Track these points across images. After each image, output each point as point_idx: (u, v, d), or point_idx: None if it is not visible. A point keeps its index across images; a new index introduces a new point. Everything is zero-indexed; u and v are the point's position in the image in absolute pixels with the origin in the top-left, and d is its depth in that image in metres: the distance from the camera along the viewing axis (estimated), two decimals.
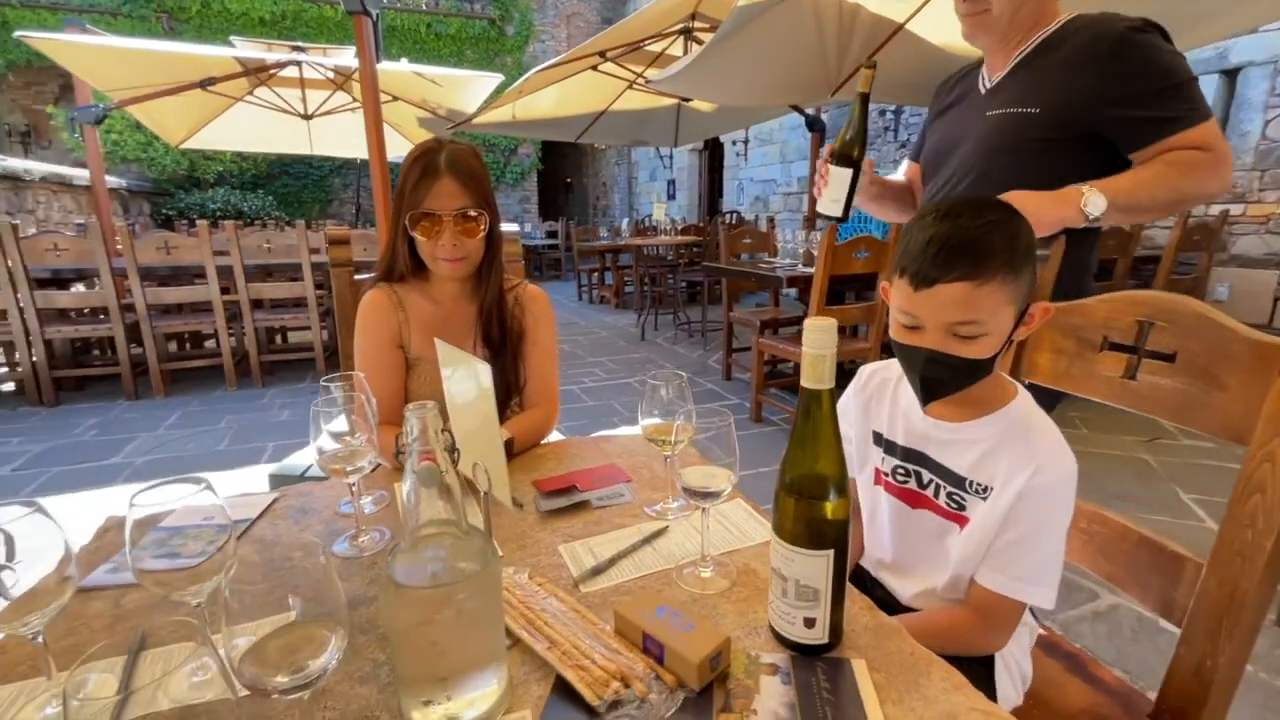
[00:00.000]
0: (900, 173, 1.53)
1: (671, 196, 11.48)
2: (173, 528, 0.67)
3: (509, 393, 1.27)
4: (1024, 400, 0.80)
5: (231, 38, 4.91)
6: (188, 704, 0.42)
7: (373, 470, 1.02)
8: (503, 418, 1.27)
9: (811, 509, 0.60)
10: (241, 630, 0.46)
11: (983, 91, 1.24)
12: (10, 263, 3.69)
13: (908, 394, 0.87)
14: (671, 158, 11.14)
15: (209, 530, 0.64)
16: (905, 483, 0.87)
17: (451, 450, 0.93)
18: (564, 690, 0.57)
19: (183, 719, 0.41)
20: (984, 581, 0.76)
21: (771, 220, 7.66)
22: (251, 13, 9.84)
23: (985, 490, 0.78)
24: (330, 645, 0.47)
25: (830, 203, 1.23)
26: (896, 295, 0.77)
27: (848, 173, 1.19)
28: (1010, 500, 0.74)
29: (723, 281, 4.31)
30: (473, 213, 1.14)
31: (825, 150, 1.24)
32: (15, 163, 5.46)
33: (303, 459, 1.97)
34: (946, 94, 1.37)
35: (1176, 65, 1.09)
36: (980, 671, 0.77)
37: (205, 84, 4.31)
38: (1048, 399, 0.89)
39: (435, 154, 1.13)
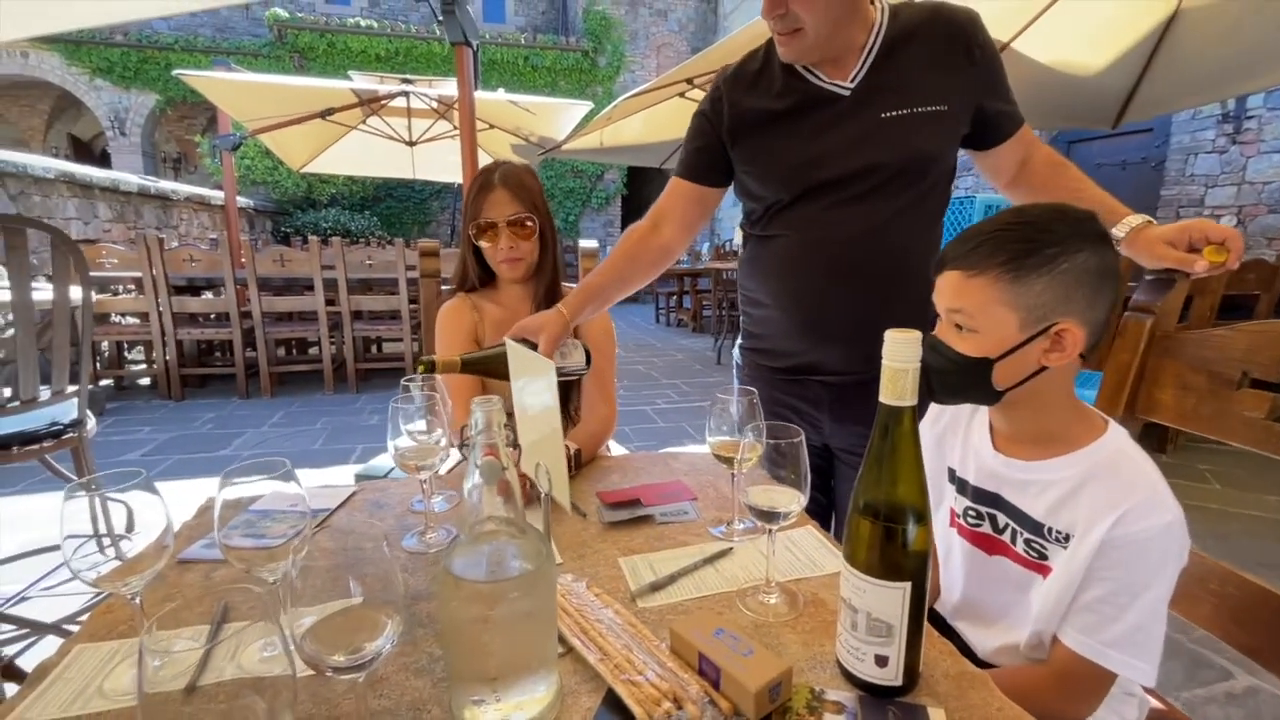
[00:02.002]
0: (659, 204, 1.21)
1: None
2: (263, 510, 0.72)
3: (566, 395, 1.33)
4: (1115, 438, 0.71)
5: (350, 72, 5.38)
6: (257, 675, 0.43)
7: (447, 471, 1.06)
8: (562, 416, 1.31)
9: (888, 536, 0.56)
10: (307, 611, 0.47)
11: (841, 94, 1.06)
12: (155, 272, 4.17)
13: (980, 429, 0.81)
14: None
15: (293, 516, 0.68)
16: (978, 526, 0.80)
17: (513, 445, 0.93)
18: (614, 704, 0.55)
19: (246, 690, 0.42)
20: (1066, 640, 0.68)
21: None
22: (369, 50, 10.82)
23: (1066, 538, 0.69)
24: (387, 630, 0.48)
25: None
26: None
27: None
28: (1091, 550, 0.65)
29: None
30: (523, 218, 1.26)
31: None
32: (166, 185, 6.23)
33: (386, 461, 2.06)
34: (750, 94, 1.12)
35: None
36: None
37: (325, 114, 4.73)
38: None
39: (491, 173, 1.27)
